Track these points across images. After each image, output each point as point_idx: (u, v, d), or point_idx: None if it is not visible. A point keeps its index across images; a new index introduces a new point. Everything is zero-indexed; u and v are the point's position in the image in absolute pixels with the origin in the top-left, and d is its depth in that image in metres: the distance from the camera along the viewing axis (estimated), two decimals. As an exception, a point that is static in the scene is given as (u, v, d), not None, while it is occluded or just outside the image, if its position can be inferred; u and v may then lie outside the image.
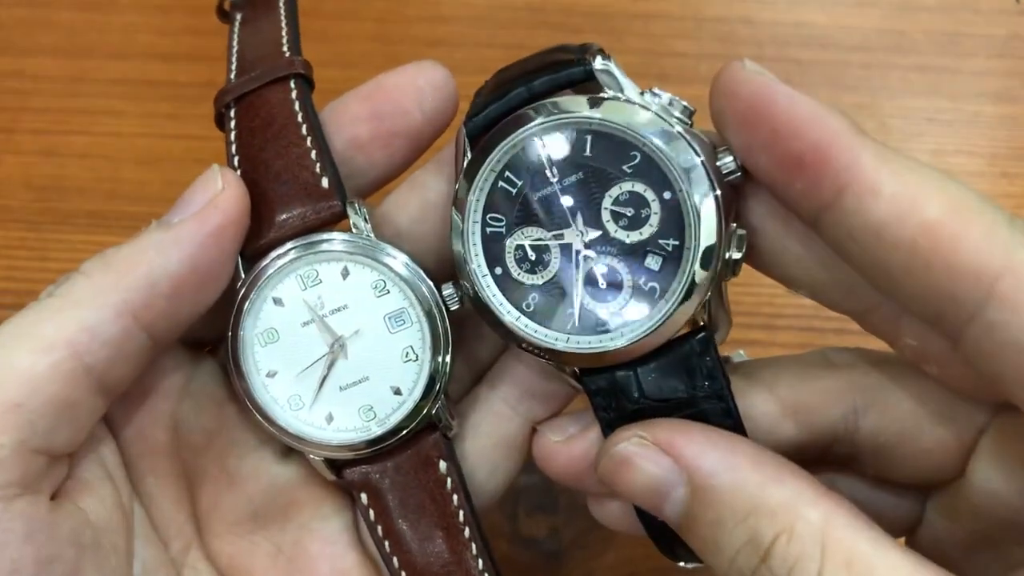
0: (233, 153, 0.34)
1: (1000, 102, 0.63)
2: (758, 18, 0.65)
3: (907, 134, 0.62)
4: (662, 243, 0.31)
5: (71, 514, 0.30)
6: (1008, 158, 0.61)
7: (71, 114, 0.59)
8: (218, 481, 0.34)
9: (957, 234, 0.25)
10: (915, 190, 0.25)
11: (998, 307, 0.25)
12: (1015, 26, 0.65)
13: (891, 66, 0.64)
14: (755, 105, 0.27)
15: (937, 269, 0.25)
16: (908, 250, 0.25)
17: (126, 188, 0.57)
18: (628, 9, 0.65)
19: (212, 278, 0.32)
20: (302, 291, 0.33)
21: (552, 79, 0.32)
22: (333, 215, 0.33)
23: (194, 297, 0.31)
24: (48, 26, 0.62)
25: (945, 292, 0.25)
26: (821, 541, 0.26)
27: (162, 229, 0.31)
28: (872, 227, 0.26)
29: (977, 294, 0.25)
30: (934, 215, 0.25)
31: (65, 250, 0.55)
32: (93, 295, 0.30)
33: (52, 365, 0.29)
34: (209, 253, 0.31)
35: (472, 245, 0.32)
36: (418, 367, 0.33)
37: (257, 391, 0.33)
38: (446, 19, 0.65)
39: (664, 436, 0.29)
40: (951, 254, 0.25)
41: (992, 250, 0.25)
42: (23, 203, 0.57)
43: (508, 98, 0.32)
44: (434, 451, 0.34)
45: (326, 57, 0.63)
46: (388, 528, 0.34)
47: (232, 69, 0.36)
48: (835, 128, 0.27)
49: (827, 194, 0.26)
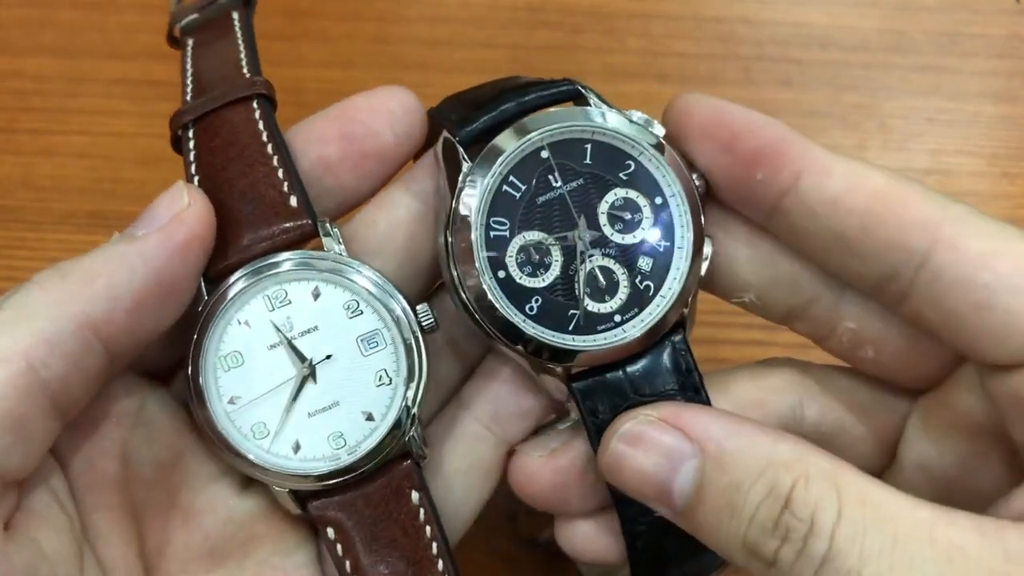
0: (192, 173, 0.33)
1: (1000, 102, 0.63)
2: (758, 18, 0.65)
3: (907, 134, 0.62)
4: (654, 244, 0.33)
5: (24, 546, 0.28)
6: (1008, 158, 0.61)
7: (71, 114, 0.59)
8: (170, 516, 0.33)
9: (901, 196, 0.30)
10: (859, 168, 0.31)
11: (944, 249, 0.30)
12: (1015, 26, 0.65)
13: (891, 66, 0.64)
14: (713, 116, 0.32)
15: (890, 224, 0.30)
16: (862, 213, 0.30)
17: (126, 188, 0.56)
18: (628, 9, 0.65)
19: (175, 294, 0.31)
20: (269, 312, 0.32)
21: (543, 95, 0.34)
22: (303, 234, 0.32)
23: (156, 313, 0.30)
24: (48, 26, 0.62)
25: (897, 244, 0.30)
26: (835, 483, 0.27)
27: (125, 241, 0.30)
28: (829, 199, 0.31)
29: (924, 241, 0.30)
30: (881, 184, 0.31)
31: (64, 250, 0.55)
32: (49, 306, 0.28)
33: (5, 380, 0.27)
34: (174, 268, 0.30)
35: (477, 249, 0.32)
36: (392, 391, 0.32)
37: (218, 419, 0.31)
38: (446, 19, 0.65)
39: (670, 413, 0.30)
40: (900, 210, 0.30)
41: (931, 207, 0.30)
42: (23, 203, 0.56)
43: (501, 110, 0.33)
44: (406, 481, 0.32)
45: (326, 57, 0.63)
46: (357, 564, 0.32)
47: (188, 91, 0.35)
48: (783, 130, 0.32)
49: (787, 178, 0.31)
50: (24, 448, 0.28)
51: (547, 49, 0.64)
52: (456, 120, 0.34)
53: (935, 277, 0.30)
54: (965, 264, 0.30)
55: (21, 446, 0.28)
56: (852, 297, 0.34)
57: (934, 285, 0.30)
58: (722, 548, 0.29)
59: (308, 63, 0.61)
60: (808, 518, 0.27)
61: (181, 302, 0.31)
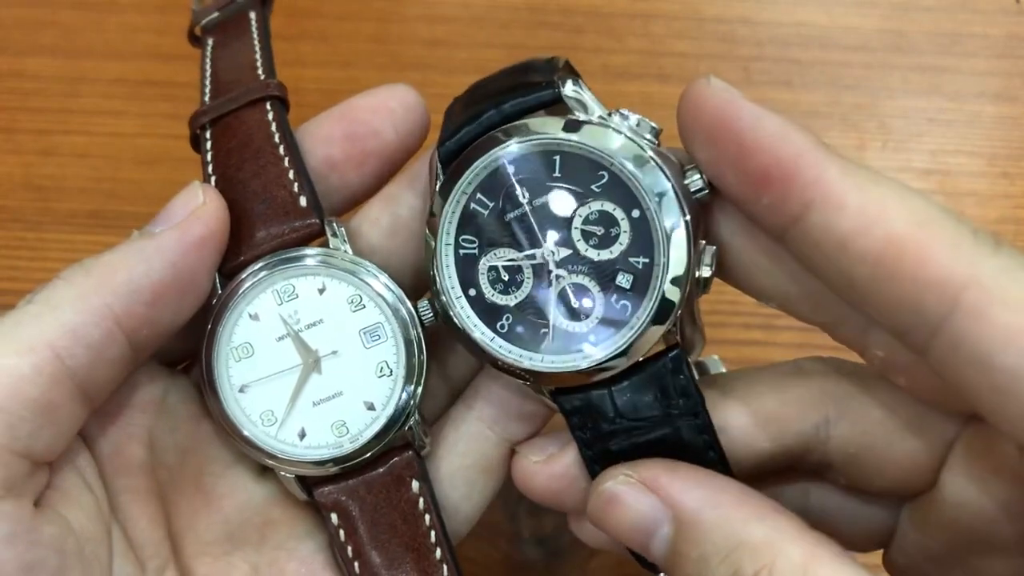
0: (210, 173, 0.34)
1: (1000, 102, 0.63)
2: (758, 18, 0.65)
3: (907, 134, 0.62)
4: (632, 261, 0.31)
5: (53, 520, 0.30)
6: (1008, 158, 0.61)
7: (71, 114, 0.59)
8: (193, 500, 0.34)
9: (922, 246, 0.25)
10: (880, 203, 0.26)
11: (963, 318, 0.24)
12: (1015, 26, 0.65)
13: (891, 66, 0.64)
14: (721, 121, 0.28)
15: (902, 281, 0.25)
16: (874, 262, 0.25)
17: (126, 188, 0.57)
18: (628, 9, 0.65)
19: (192, 288, 0.32)
20: (278, 305, 0.33)
21: (522, 102, 0.32)
22: (310, 233, 0.34)
23: (174, 306, 0.32)
24: (48, 26, 0.62)
25: (910, 304, 0.25)
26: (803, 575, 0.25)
27: (144, 238, 0.31)
28: (838, 240, 0.26)
29: (942, 306, 0.25)
30: (899, 228, 0.25)
31: (65, 250, 0.55)
32: (74, 299, 0.30)
33: (34, 367, 0.28)
34: (190, 263, 0.31)
35: (445, 267, 0.32)
36: (392, 382, 0.33)
37: (229, 407, 0.33)
38: (446, 19, 0.65)
39: (649, 474, 0.29)
40: (916, 266, 0.25)
41: (957, 262, 0.25)
42: (23, 203, 0.57)
43: (479, 121, 0.32)
44: (406, 470, 0.34)
45: (326, 57, 0.63)
46: (357, 549, 0.33)
47: (206, 91, 0.37)
48: (799, 144, 0.27)
49: (794, 208, 0.27)
50: (52, 431, 0.29)
51: (547, 49, 0.63)
52: (442, 134, 0.33)
53: (952, 348, 0.25)
54: (987, 341, 0.24)
55: (49, 429, 0.29)
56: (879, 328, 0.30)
57: (950, 356, 0.25)
58: None
59: (308, 63, 0.61)
60: None
61: (198, 296, 0.32)
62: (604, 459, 0.32)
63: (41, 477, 0.30)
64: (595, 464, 0.32)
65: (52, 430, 0.29)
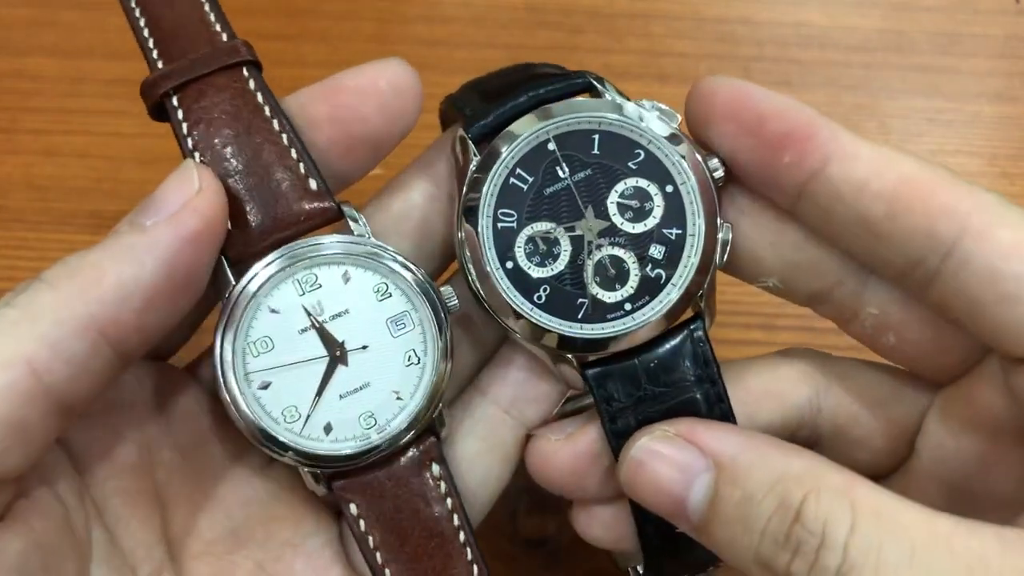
0: (191, 148, 0.32)
1: (1000, 102, 0.63)
2: (758, 18, 0.65)
3: (907, 134, 0.62)
4: (665, 233, 0.33)
5: (17, 537, 0.28)
6: (1008, 158, 0.61)
7: (71, 114, 0.59)
8: (193, 499, 0.33)
9: (929, 182, 0.30)
10: (887, 153, 0.31)
11: (971, 239, 0.29)
12: (1015, 26, 0.65)
13: (891, 66, 0.64)
14: (737, 100, 0.31)
15: (915, 213, 0.30)
16: (889, 199, 0.30)
17: (126, 188, 0.56)
18: (628, 9, 0.65)
19: (187, 287, 0.29)
20: (300, 296, 0.32)
21: (557, 88, 0.34)
22: (326, 218, 0.32)
23: (167, 309, 0.29)
24: (48, 26, 0.62)
25: (924, 231, 0.30)
26: (848, 497, 0.27)
27: (135, 232, 0.29)
28: (857, 184, 0.30)
29: (952, 229, 0.29)
30: (908, 169, 0.30)
31: (65, 250, 0.54)
32: (55, 308, 0.27)
33: (7, 384, 0.26)
34: (185, 261, 0.29)
35: (484, 240, 0.33)
36: (420, 370, 0.32)
37: (248, 405, 0.31)
38: (446, 19, 0.65)
39: (685, 428, 0.31)
40: (928, 197, 0.30)
41: (959, 194, 0.29)
42: (23, 203, 0.56)
43: (514, 104, 0.33)
44: (427, 454, 0.33)
45: (326, 57, 0.63)
46: (381, 538, 0.32)
47: (152, 49, 0.33)
48: (810, 113, 0.31)
49: (815, 162, 0.31)
50: (24, 450, 0.27)
51: (547, 49, 0.64)
52: (469, 115, 0.34)
53: (961, 266, 0.29)
54: (993, 254, 0.29)
55: (20, 448, 0.27)
56: (876, 283, 0.33)
57: (960, 274, 0.29)
58: (738, 562, 0.29)
59: (308, 63, 0.61)
60: (819, 531, 0.26)
61: (194, 294, 0.30)
62: (628, 433, 0.33)
63: (8, 492, 0.28)
64: (619, 438, 0.33)
65: (23, 448, 0.27)
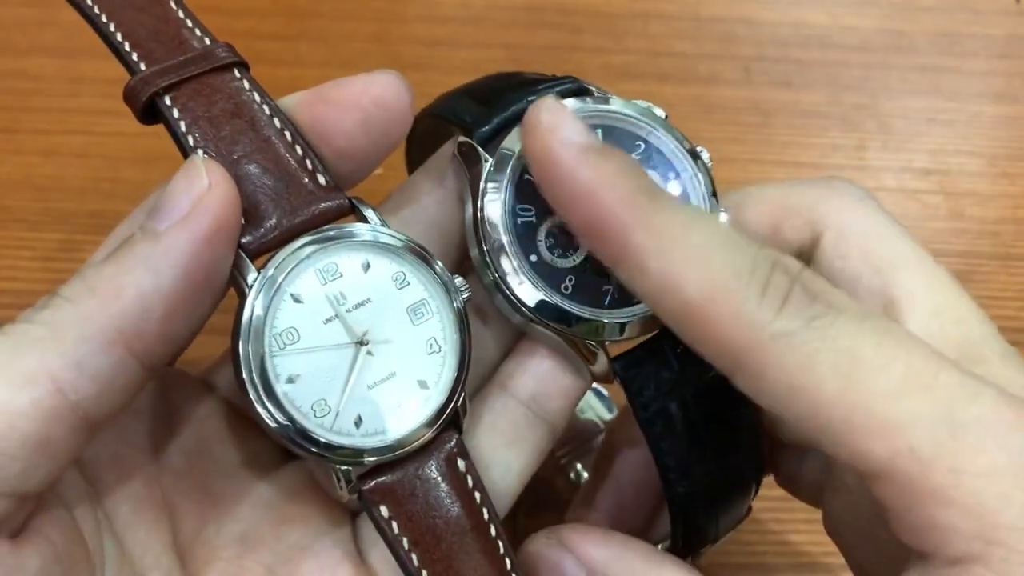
0: (192, 146, 0.31)
1: (1000, 102, 0.63)
2: (758, 18, 0.65)
3: (907, 134, 0.62)
4: None
5: (37, 552, 0.27)
6: (1008, 158, 0.61)
7: (71, 114, 0.59)
8: (202, 504, 0.32)
9: (707, 316, 0.27)
10: (677, 268, 0.27)
11: (745, 378, 0.27)
12: (1015, 26, 0.65)
13: (891, 66, 0.64)
14: (543, 170, 0.29)
15: (697, 341, 0.28)
16: (673, 323, 0.28)
17: (126, 188, 0.56)
18: (628, 9, 0.65)
19: (209, 289, 0.29)
20: (322, 286, 0.31)
21: (549, 90, 0.34)
22: (340, 212, 0.32)
23: (190, 313, 0.29)
24: (48, 26, 0.62)
25: (705, 356, 0.28)
26: None
27: (148, 240, 0.28)
28: (644, 298, 0.28)
29: (728, 366, 0.27)
30: (690, 296, 0.27)
31: (66, 250, 0.55)
32: (79, 324, 0.27)
33: (32, 402, 0.26)
34: (204, 263, 0.28)
35: (506, 236, 0.33)
36: (442, 358, 0.32)
37: (276, 401, 0.30)
38: (446, 19, 0.65)
39: (566, 535, 0.33)
40: (704, 333, 0.27)
41: (738, 331, 0.26)
42: (23, 203, 0.56)
43: (514, 109, 0.34)
44: (451, 450, 0.32)
45: (325, 57, 0.63)
46: (416, 539, 0.31)
47: (128, 53, 0.33)
48: (609, 202, 0.27)
49: (608, 261, 0.28)
50: (48, 467, 0.27)
51: (547, 49, 0.64)
52: (471, 121, 0.34)
53: (746, 392, 0.29)
54: (765, 398, 0.27)
55: (44, 466, 0.27)
56: None
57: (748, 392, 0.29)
58: None
59: (307, 63, 0.61)
60: None
61: (215, 294, 0.29)
62: (662, 417, 0.33)
63: (28, 507, 0.28)
64: (652, 423, 0.33)
65: (48, 466, 0.27)
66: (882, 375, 0.26)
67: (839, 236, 0.34)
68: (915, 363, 0.26)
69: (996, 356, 0.31)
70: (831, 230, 0.34)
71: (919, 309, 0.32)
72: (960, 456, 0.25)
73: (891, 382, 0.26)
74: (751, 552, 0.46)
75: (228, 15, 0.66)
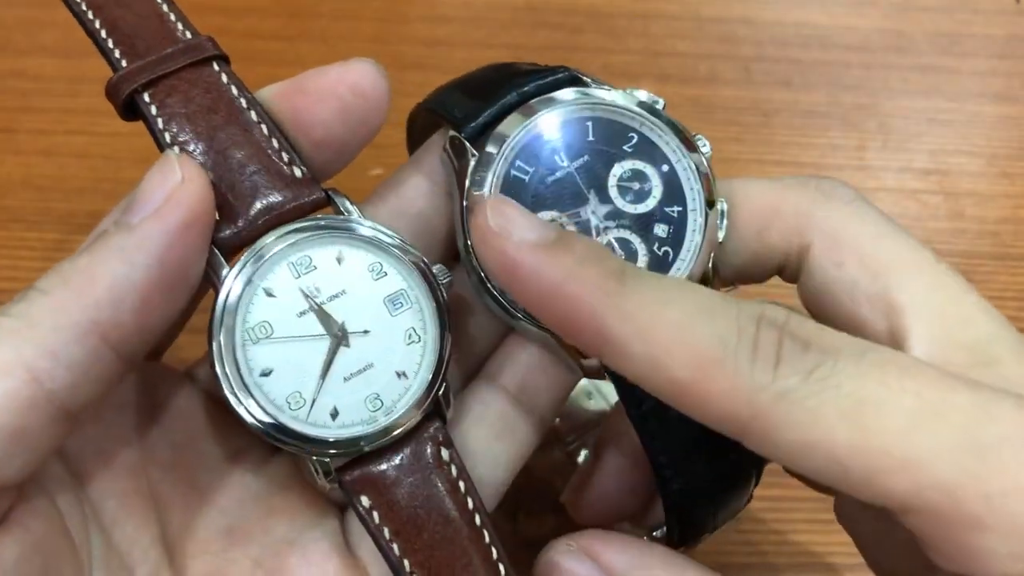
0: (168, 142, 0.31)
1: (1000, 102, 0.63)
2: (758, 18, 0.65)
3: (907, 134, 0.62)
4: (667, 211, 0.34)
5: (15, 542, 0.27)
6: (1008, 158, 0.61)
7: (71, 114, 0.59)
8: (189, 498, 0.32)
9: (702, 391, 0.26)
10: (661, 349, 0.26)
11: (754, 441, 0.26)
12: (1015, 26, 0.65)
13: (891, 66, 0.64)
14: (506, 278, 0.28)
15: (699, 416, 0.27)
16: (669, 400, 0.27)
17: (126, 188, 0.56)
18: (628, 9, 0.65)
19: (183, 281, 0.29)
20: (296, 279, 0.31)
21: (542, 83, 0.34)
22: (315, 205, 0.32)
23: (164, 304, 0.29)
24: (48, 26, 0.62)
25: (712, 427, 0.27)
26: None
27: (122, 232, 0.28)
28: (634, 379, 0.27)
29: (737, 433, 0.27)
30: (679, 376, 0.26)
31: (66, 250, 0.55)
32: (53, 314, 0.27)
33: (7, 392, 0.26)
34: (177, 255, 0.28)
35: None
36: (421, 348, 0.32)
37: (251, 394, 0.30)
38: (446, 19, 0.65)
39: (586, 543, 0.32)
40: (702, 407, 0.26)
41: (736, 401, 0.26)
42: (23, 203, 0.56)
43: (502, 103, 0.34)
44: (434, 439, 0.32)
45: (326, 57, 0.63)
46: (397, 528, 0.31)
47: (112, 50, 0.33)
48: (578, 295, 0.27)
49: (593, 353, 0.28)
50: (25, 458, 0.27)
51: (547, 49, 0.64)
52: (460, 116, 0.34)
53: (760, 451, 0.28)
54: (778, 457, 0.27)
55: (22, 456, 0.27)
56: None
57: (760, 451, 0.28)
58: None
59: (307, 63, 0.61)
60: None
61: (190, 287, 0.30)
62: (655, 414, 0.33)
63: (7, 498, 0.28)
64: (645, 420, 0.33)
65: (25, 456, 0.27)
66: (892, 413, 0.25)
67: (832, 242, 0.32)
68: (924, 392, 0.25)
69: (1009, 353, 0.30)
70: (823, 236, 0.32)
71: (923, 313, 0.31)
72: (989, 480, 0.24)
73: (903, 418, 0.25)
74: (753, 552, 0.46)
75: (228, 15, 0.66)
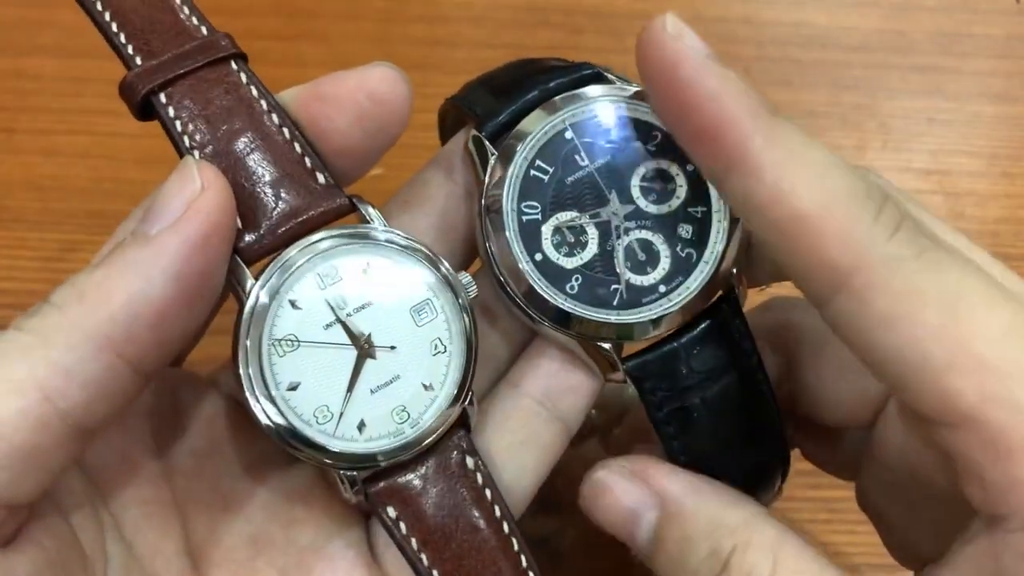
0: (188, 146, 0.31)
1: (1000, 102, 0.63)
2: (758, 18, 0.65)
3: (907, 134, 0.62)
4: (691, 211, 0.33)
5: (27, 558, 0.27)
6: (1008, 158, 0.61)
7: (71, 114, 0.59)
8: (213, 506, 0.32)
9: (819, 228, 0.26)
10: (793, 179, 0.26)
11: (847, 300, 0.26)
12: (1015, 26, 0.65)
13: (891, 66, 0.64)
14: (664, 74, 0.28)
15: (801, 255, 0.27)
16: (780, 234, 0.27)
17: (126, 188, 0.56)
18: (628, 9, 0.65)
19: (202, 295, 0.28)
20: (321, 290, 0.30)
21: (566, 80, 0.34)
22: (339, 213, 0.31)
23: (183, 319, 0.28)
24: (48, 26, 0.62)
25: (806, 276, 0.27)
26: (773, 554, 0.28)
27: (138, 244, 0.27)
28: (754, 206, 0.27)
29: (831, 286, 0.26)
30: (803, 206, 0.26)
31: (66, 250, 0.55)
32: (67, 331, 0.26)
33: (19, 411, 0.25)
34: (196, 268, 0.27)
35: (510, 235, 0.32)
36: (447, 358, 0.31)
37: (278, 407, 0.30)
38: (446, 19, 0.65)
39: (639, 466, 0.32)
40: (813, 246, 0.26)
41: (848, 247, 0.26)
42: (23, 203, 0.56)
43: (524, 100, 0.33)
44: (460, 448, 0.32)
45: (326, 57, 0.63)
46: (425, 539, 0.31)
47: (124, 46, 0.32)
48: (732, 108, 0.27)
49: (720, 169, 0.27)
50: (38, 476, 0.26)
51: (547, 49, 0.64)
52: (481, 114, 0.34)
53: (836, 321, 0.27)
54: (866, 321, 0.26)
55: (35, 475, 0.26)
56: None
57: (835, 326, 0.27)
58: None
59: (308, 63, 0.61)
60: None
61: (210, 299, 0.29)
62: (678, 416, 0.33)
63: (19, 516, 0.27)
64: (667, 424, 0.33)
65: (38, 475, 0.26)
66: (988, 316, 0.25)
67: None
68: (1022, 313, 0.25)
69: None
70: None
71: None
72: None
73: (996, 326, 0.25)
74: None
75: (228, 15, 0.65)
